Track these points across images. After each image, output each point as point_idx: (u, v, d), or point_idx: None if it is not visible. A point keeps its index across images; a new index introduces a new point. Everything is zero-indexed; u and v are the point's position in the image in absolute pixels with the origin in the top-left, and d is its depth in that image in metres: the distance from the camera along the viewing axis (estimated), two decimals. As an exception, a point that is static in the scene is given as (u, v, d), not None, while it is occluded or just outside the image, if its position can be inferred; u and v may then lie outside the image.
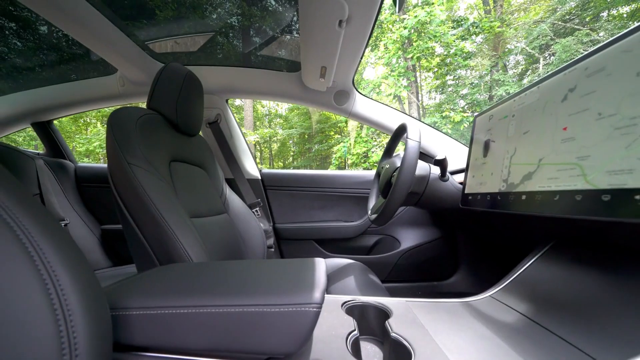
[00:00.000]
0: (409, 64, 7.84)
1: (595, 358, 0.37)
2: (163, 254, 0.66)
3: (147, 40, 1.17)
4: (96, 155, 8.55)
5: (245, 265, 0.49)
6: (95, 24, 0.96)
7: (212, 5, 1.09)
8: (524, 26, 7.67)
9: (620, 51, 0.38)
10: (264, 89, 1.34)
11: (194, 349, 0.37)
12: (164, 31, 1.16)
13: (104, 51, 1.10)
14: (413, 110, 8.52)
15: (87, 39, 1.01)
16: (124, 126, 0.73)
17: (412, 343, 0.44)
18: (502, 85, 7.12)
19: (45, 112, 1.45)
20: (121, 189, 0.69)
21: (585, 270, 0.52)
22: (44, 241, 0.30)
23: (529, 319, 0.49)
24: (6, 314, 0.26)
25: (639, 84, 0.34)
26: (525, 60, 8.43)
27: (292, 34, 1.18)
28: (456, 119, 6.41)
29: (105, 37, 1.02)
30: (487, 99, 7.88)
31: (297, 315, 0.34)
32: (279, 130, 12.22)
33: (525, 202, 0.49)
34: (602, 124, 0.38)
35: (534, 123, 0.51)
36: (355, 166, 8.33)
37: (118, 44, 1.07)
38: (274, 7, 1.08)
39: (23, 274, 0.28)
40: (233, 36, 1.25)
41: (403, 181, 0.78)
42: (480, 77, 8.53)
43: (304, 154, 12.41)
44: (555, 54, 6.67)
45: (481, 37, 8.07)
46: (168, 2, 1.00)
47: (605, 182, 0.36)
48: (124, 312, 0.37)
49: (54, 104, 1.41)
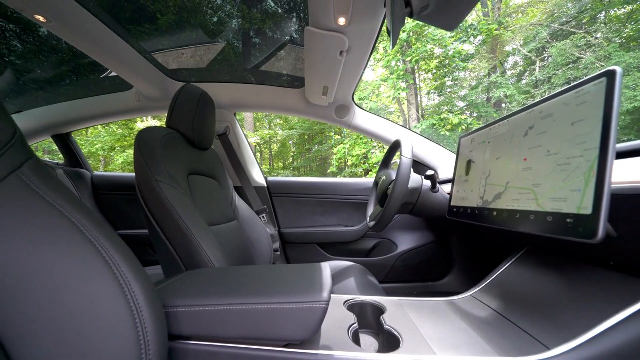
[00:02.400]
0: (408, 67, 7.94)
1: (544, 343, 0.47)
2: (188, 259, 0.76)
3: (154, 50, 1.20)
4: (97, 157, 8.64)
5: (265, 270, 0.59)
6: (112, 45, 1.04)
7: (221, 24, 1.16)
8: (520, 29, 7.77)
9: (562, 103, 0.48)
10: (269, 103, 1.44)
11: (228, 337, 0.47)
12: (170, 41, 1.21)
13: (121, 70, 1.19)
14: (412, 112, 8.62)
15: (106, 59, 1.10)
16: (150, 146, 0.83)
17: (401, 334, 0.54)
18: (500, 87, 7.23)
19: (65, 125, 1.55)
20: (150, 203, 0.78)
21: (547, 273, 0.62)
22: (113, 250, 0.40)
23: (498, 314, 0.60)
24: (99, 312, 0.36)
25: (573, 132, 0.44)
26: (523, 61, 8.53)
27: (297, 54, 1.27)
28: (454, 121, 6.51)
29: (122, 57, 1.11)
30: (484, 100, 7.98)
31: (309, 310, 0.44)
32: (278, 130, 12.29)
33: (496, 217, 0.59)
34: (550, 159, 0.48)
35: (503, 151, 0.62)
36: (355, 167, 8.42)
37: (133, 63, 1.16)
38: (281, 28, 1.17)
39: (108, 282, 0.38)
40: (241, 55, 1.34)
41: (397, 193, 0.88)
42: (477, 78, 8.63)
43: (304, 154, 12.48)
44: (551, 57, 6.77)
45: (479, 39, 8.16)
46: (169, 6, 1.02)
47: (549, 206, 0.46)
48: (173, 309, 0.47)
49: (73, 117, 1.51)
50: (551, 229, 0.45)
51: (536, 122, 0.53)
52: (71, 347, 0.34)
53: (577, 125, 0.44)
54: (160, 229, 0.78)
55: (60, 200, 0.39)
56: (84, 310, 0.36)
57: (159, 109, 1.45)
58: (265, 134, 11.62)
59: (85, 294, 0.36)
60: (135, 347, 0.37)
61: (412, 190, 0.98)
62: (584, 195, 0.40)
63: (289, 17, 1.08)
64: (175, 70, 1.35)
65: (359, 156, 8.02)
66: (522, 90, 7.34)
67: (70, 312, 0.35)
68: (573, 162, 0.43)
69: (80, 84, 1.42)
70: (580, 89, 0.45)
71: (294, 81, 1.38)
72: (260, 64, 1.35)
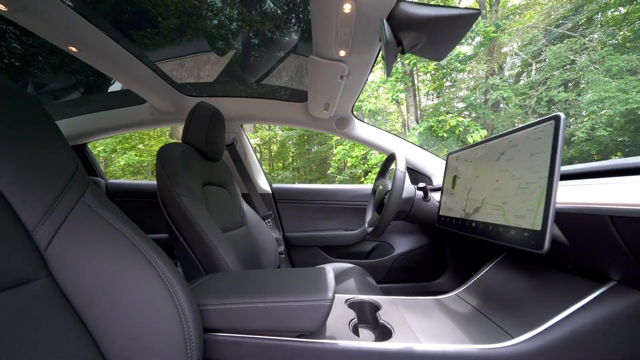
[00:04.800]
0: (407, 69, 8.04)
1: (509, 333, 0.57)
2: (207, 263, 0.86)
3: (158, 61, 1.25)
4: (98, 159, 8.72)
5: (278, 273, 0.69)
6: (130, 66, 1.13)
7: (229, 39, 1.25)
8: (517, 32, 7.88)
9: (524, 136, 0.58)
10: (274, 116, 1.54)
11: (250, 329, 0.57)
12: (183, 59, 1.30)
13: (138, 87, 1.29)
14: (410, 114, 8.73)
15: (125, 79, 1.20)
16: (170, 163, 0.93)
17: (394, 327, 0.64)
18: (497, 90, 7.33)
19: (83, 136, 1.65)
20: (172, 214, 0.88)
21: (519, 275, 0.72)
22: (159, 260, 0.50)
23: (477, 310, 0.70)
24: (155, 312, 0.46)
25: (531, 162, 0.55)
26: (521, 61, 8.63)
27: (300, 65, 1.36)
28: (452, 123, 6.62)
29: (138, 76, 1.20)
30: (482, 102, 8.09)
31: (317, 307, 0.55)
32: (278, 131, 12.37)
33: (474, 228, 0.70)
34: (515, 183, 0.58)
35: (481, 171, 0.72)
36: (355, 167, 8.52)
37: (148, 81, 1.26)
38: (286, 44, 1.26)
39: (158, 287, 0.48)
40: (247, 70, 1.44)
41: (392, 203, 0.99)
42: (476, 79, 8.74)
43: (304, 155, 12.57)
44: (547, 59, 6.87)
45: (477, 41, 8.25)
46: (170, 10, 1.06)
47: (514, 222, 0.56)
48: (205, 307, 0.57)
49: (92, 129, 1.61)
50: (514, 240, 0.55)
51: (506, 149, 0.64)
52: (140, 339, 0.44)
53: (534, 156, 0.54)
54: (182, 237, 0.88)
55: (116, 220, 0.49)
56: (144, 310, 0.46)
57: (171, 122, 1.55)
58: (265, 135, 11.70)
59: (142, 297, 0.47)
60: (182, 339, 0.47)
61: (406, 200, 1.08)
62: (537, 215, 0.51)
63: (293, 32, 1.17)
64: (186, 86, 1.45)
65: (358, 157, 8.12)
66: (519, 92, 7.45)
67: (137, 311, 0.45)
68: (530, 187, 0.54)
69: (98, 98, 1.52)
70: (537, 127, 0.55)
71: (297, 95, 1.47)
72: (264, 76, 1.45)
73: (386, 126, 10.19)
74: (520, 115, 7.45)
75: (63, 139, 0.50)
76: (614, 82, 5.59)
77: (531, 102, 7.15)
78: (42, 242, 0.42)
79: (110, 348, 0.43)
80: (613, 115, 5.66)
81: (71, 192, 0.47)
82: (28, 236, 0.42)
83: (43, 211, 0.43)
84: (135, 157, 7.57)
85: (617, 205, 0.46)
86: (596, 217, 0.49)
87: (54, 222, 0.43)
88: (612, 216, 0.46)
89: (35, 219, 0.42)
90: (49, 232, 0.43)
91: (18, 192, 0.41)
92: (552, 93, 6.77)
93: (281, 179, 10.55)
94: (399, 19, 0.70)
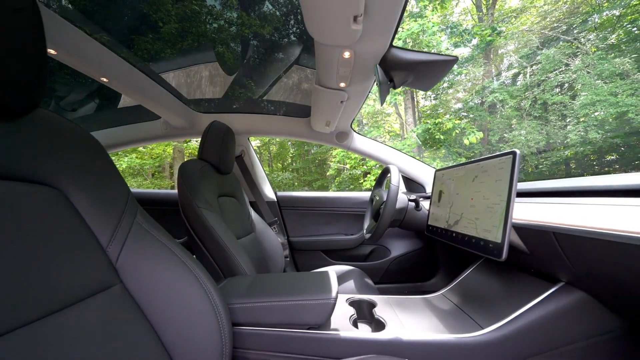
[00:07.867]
0: (404, 72, 8.16)
1: (480, 324, 0.70)
2: (226, 267, 0.99)
3: (164, 71, 1.32)
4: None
5: (289, 277, 0.82)
6: (149, 88, 1.25)
7: (237, 55, 1.36)
8: (512, 35, 8.02)
9: (492, 164, 0.71)
10: (279, 130, 1.67)
11: (269, 323, 0.70)
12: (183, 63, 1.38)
13: (153, 105, 1.40)
14: (409, 116, 8.86)
15: (145, 100, 1.31)
16: (191, 179, 1.05)
17: (387, 321, 0.77)
18: (493, 92, 7.48)
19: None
20: (193, 224, 1.01)
21: (493, 277, 0.86)
22: (196, 268, 0.63)
23: (457, 307, 0.83)
24: (196, 311, 0.59)
25: (496, 186, 0.68)
26: (518, 62, 8.77)
27: (303, 87, 1.48)
28: (448, 126, 6.76)
29: (155, 96, 1.31)
30: (478, 104, 8.23)
31: (323, 305, 0.68)
32: (278, 133, 12.42)
33: (455, 238, 0.83)
34: (484, 202, 0.71)
35: (461, 189, 0.85)
36: (354, 169, 8.65)
37: (163, 99, 1.37)
38: (291, 56, 1.36)
39: (198, 291, 0.61)
40: (253, 86, 1.56)
41: (387, 213, 1.12)
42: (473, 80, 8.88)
43: (303, 156, 12.67)
44: (541, 63, 7.02)
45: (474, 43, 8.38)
46: (171, 15, 1.08)
47: (483, 235, 0.69)
48: (232, 305, 0.70)
49: (109, 143, 1.73)
50: (483, 250, 0.68)
51: (479, 173, 0.77)
52: (188, 331, 0.57)
53: (498, 182, 0.67)
54: (202, 244, 1.00)
55: (161, 236, 0.62)
56: (189, 308, 0.58)
57: (183, 136, 1.68)
58: (265, 137, 11.77)
59: (186, 298, 0.59)
60: (218, 332, 0.60)
61: (400, 210, 1.22)
62: (499, 230, 0.64)
63: (296, 45, 1.26)
64: (198, 103, 1.57)
65: (357, 159, 8.25)
66: (514, 95, 7.60)
67: (184, 309, 0.58)
68: (495, 207, 0.67)
69: (117, 114, 1.65)
70: (500, 158, 0.68)
71: (301, 110, 1.59)
72: (269, 90, 1.55)
73: (384, 127, 10.32)
74: (516, 118, 7.60)
75: (114, 166, 0.63)
76: (605, 85, 5.74)
77: (526, 105, 7.30)
78: (114, 256, 0.55)
79: (168, 337, 0.56)
80: (605, 118, 5.82)
81: (127, 214, 0.60)
82: (103, 251, 0.54)
83: (112, 231, 0.56)
84: (137, 159, 7.68)
85: (558, 224, 0.59)
86: (544, 232, 0.62)
87: (120, 239, 0.56)
88: (554, 232, 0.59)
89: (107, 237, 0.55)
90: (117, 248, 0.55)
91: (93, 216, 0.54)
92: (546, 96, 6.92)
93: (280, 180, 10.65)
94: (391, 61, 0.83)
